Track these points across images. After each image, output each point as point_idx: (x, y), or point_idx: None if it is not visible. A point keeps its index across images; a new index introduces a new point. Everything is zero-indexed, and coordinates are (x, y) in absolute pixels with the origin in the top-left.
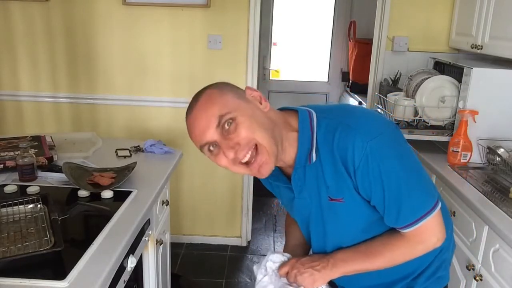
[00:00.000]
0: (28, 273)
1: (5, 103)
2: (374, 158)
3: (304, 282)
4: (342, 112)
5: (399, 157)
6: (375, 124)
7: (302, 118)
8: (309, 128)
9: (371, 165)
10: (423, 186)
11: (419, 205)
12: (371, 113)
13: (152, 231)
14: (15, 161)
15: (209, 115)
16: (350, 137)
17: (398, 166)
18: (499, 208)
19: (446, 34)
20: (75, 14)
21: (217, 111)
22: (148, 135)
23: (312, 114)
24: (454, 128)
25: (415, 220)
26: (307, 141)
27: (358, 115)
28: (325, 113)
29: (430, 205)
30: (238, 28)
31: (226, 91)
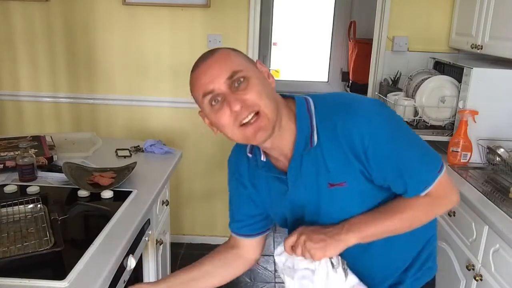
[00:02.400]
0: (28, 273)
1: (5, 103)
2: (381, 136)
3: (314, 250)
4: (336, 98)
5: (401, 130)
6: (370, 105)
7: (300, 104)
8: (307, 113)
9: (380, 142)
10: (427, 148)
11: (433, 164)
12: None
13: (152, 231)
14: (15, 161)
15: (222, 67)
16: (352, 121)
17: (403, 137)
18: (499, 208)
19: (446, 34)
20: (75, 14)
21: (233, 66)
22: (148, 135)
23: (309, 100)
24: (454, 128)
25: (435, 178)
26: (305, 125)
27: (351, 98)
28: (321, 99)
29: (440, 162)
30: (238, 28)
31: (241, 55)
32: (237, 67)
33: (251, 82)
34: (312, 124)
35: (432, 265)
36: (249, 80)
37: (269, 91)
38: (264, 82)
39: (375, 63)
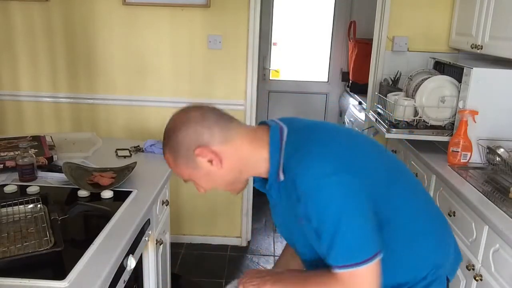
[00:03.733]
0: (28, 273)
1: (5, 103)
2: (317, 197)
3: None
4: (309, 135)
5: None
6: (332, 163)
7: (273, 135)
8: (278, 147)
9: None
10: (365, 232)
11: (354, 251)
12: (338, 146)
13: (152, 231)
14: (15, 161)
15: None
16: (300, 168)
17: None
18: (499, 208)
19: (446, 34)
20: (75, 14)
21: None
22: (148, 135)
23: (283, 131)
24: (454, 128)
25: (350, 264)
26: (276, 159)
27: (321, 144)
28: (295, 132)
29: (368, 255)
30: (238, 28)
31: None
32: (181, 176)
33: (197, 182)
34: (280, 160)
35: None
36: (196, 181)
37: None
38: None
39: (375, 63)
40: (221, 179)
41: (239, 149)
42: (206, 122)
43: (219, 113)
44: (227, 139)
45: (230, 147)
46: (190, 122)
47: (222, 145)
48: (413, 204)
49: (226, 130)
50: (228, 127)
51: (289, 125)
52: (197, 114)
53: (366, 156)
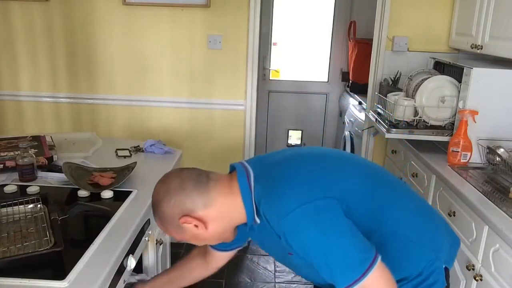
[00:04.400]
0: (28, 273)
1: (5, 103)
2: (292, 234)
3: None
4: (270, 176)
5: (320, 227)
6: (294, 195)
7: (242, 184)
8: (249, 194)
9: (291, 240)
10: (353, 248)
11: (352, 268)
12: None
13: (152, 231)
14: (15, 161)
15: None
16: (270, 212)
17: (320, 236)
18: (499, 208)
19: (446, 34)
20: (75, 14)
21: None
22: (148, 135)
23: (250, 176)
24: (454, 128)
25: (352, 282)
26: (249, 204)
27: (281, 183)
28: (260, 176)
29: (367, 263)
30: (238, 28)
31: (168, 228)
32: (176, 239)
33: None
34: (253, 205)
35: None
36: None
37: (206, 237)
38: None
39: (375, 63)
40: (210, 238)
41: (221, 208)
42: (185, 191)
43: (196, 177)
44: (208, 203)
45: (212, 210)
46: (170, 194)
47: (204, 209)
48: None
49: (205, 194)
50: (207, 190)
51: (256, 168)
52: (176, 185)
53: (333, 173)
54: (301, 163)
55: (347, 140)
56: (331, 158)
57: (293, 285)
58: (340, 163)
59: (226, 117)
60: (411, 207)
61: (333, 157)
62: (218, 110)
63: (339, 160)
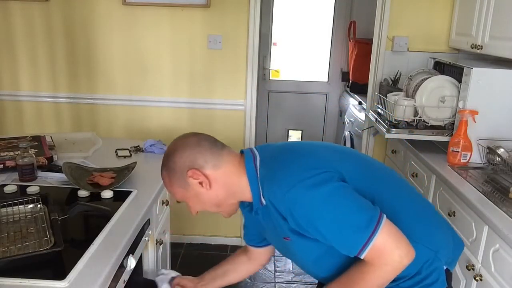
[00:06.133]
0: (28, 273)
1: (5, 103)
2: (297, 207)
3: None
4: (274, 158)
5: (323, 195)
6: (296, 172)
7: (248, 165)
8: (255, 175)
9: (297, 213)
10: (358, 210)
11: (361, 229)
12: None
13: (152, 231)
14: (15, 161)
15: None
16: (272, 189)
17: (324, 204)
18: (499, 208)
19: (446, 34)
20: (75, 14)
21: (172, 196)
22: (148, 135)
23: (256, 159)
24: (454, 128)
25: (364, 244)
26: (255, 188)
27: (283, 163)
28: (265, 159)
29: (373, 224)
30: (238, 28)
31: (174, 181)
32: (175, 197)
33: (188, 202)
34: (259, 187)
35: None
36: (189, 202)
37: (204, 198)
38: (197, 195)
39: (375, 63)
40: (209, 200)
41: (227, 176)
42: (200, 148)
43: (213, 141)
44: (217, 165)
45: (219, 173)
46: (186, 147)
47: (213, 170)
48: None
49: (217, 156)
50: (220, 154)
51: (262, 152)
52: (193, 141)
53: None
54: (304, 147)
55: (347, 140)
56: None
57: (293, 285)
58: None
59: (226, 117)
60: (411, 205)
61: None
62: (218, 110)
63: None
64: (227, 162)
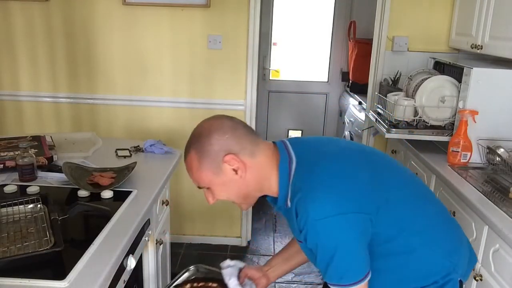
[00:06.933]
0: (28, 273)
1: (5, 103)
2: (314, 236)
3: None
4: (312, 171)
5: (336, 241)
6: (330, 204)
7: (282, 167)
8: (287, 179)
9: (310, 239)
10: (355, 263)
11: (346, 275)
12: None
13: (152, 231)
14: (15, 161)
15: (191, 177)
16: (302, 207)
17: (332, 248)
18: (499, 208)
19: (446, 34)
20: (75, 14)
21: (196, 181)
22: (148, 135)
23: (292, 164)
24: (454, 128)
25: (338, 284)
26: (284, 190)
27: (324, 188)
28: (303, 167)
29: (357, 279)
30: (238, 28)
31: (203, 164)
32: (199, 183)
33: (213, 190)
34: (288, 191)
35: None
36: (211, 189)
37: (232, 188)
38: (227, 184)
39: (375, 63)
40: (238, 189)
41: (261, 167)
42: (238, 133)
43: (248, 127)
44: (254, 154)
45: (254, 162)
46: (223, 129)
47: (249, 157)
48: (423, 212)
49: (254, 144)
50: (257, 143)
51: (298, 154)
52: (230, 124)
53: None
54: (344, 163)
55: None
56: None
57: (293, 285)
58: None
59: None
60: (437, 218)
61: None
62: (218, 110)
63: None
64: (262, 152)
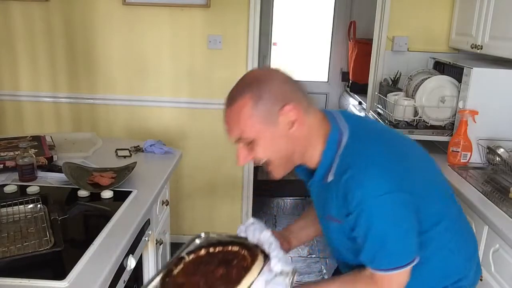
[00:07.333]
0: (28, 273)
1: (5, 103)
2: (366, 215)
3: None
4: (367, 148)
5: (393, 219)
6: (388, 181)
7: (332, 138)
8: (335, 149)
9: (362, 218)
10: (407, 244)
11: (396, 258)
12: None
13: (152, 231)
14: (15, 161)
15: (233, 129)
16: (357, 183)
17: (388, 227)
18: (499, 208)
19: (446, 34)
20: (75, 14)
21: (240, 133)
22: (148, 135)
23: (343, 137)
24: (454, 128)
25: (387, 268)
26: (329, 160)
27: (379, 165)
28: (354, 140)
29: (406, 261)
30: (238, 28)
31: (258, 111)
32: (245, 134)
33: (256, 144)
34: (333, 163)
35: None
36: (254, 142)
37: (282, 147)
38: (276, 140)
39: (375, 63)
40: (285, 148)
41: (311, 127)
42: (297, 85)
43: (303, 84)
44: (307, 110)
45: (307, 120)
46: (284, 78)
47: (304, 113)
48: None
49: (308, 103)
50: (309, 102)
51: (350, 129)
52: (288, 75)
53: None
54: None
55: None
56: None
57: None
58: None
59: None
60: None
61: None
62: (218, 110)
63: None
64: (313, 114)
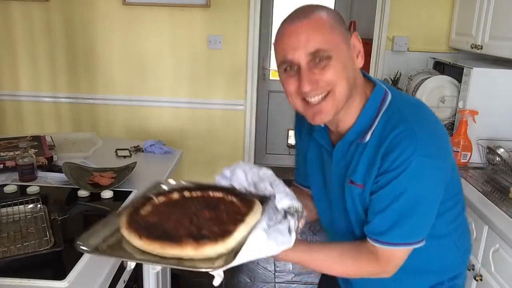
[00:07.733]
0: (28, 273)
1: (5, 103)
2: (409, 174)
3: None
4: (417, 112)
5: (431, 187)
6: (436, 148)
7: (376, 94)
8: (378, 107)
9: (403, 177)
10: (428, 220)
11: (409, 233)
12: (440, 135)
13: None
14: (15, 161)
15: (310, 38)
16: (407, 142)
17: (424, 194)
18: (499, 208)
19: (446, 34)
20: (75, 14)
21: (319, 42)
22: (148, 135)
23: (387, 96)
24: (454, 128)
25: (397, 243)
26: (368, 119)
27: (429, 127)
28: (401, 102)
29: (417, 239)
30: (238, 28)
31: (337, 27)
32: (325, 45)
33: (333, 63)
34: (374, 121)
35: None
36: (331, 60)
37: (350, 75)
38: (347, 63)
39: (375, 63)
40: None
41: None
42: None
43: None
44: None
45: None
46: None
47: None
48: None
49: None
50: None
51: (393, 92)
52: None
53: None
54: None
55: None
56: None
57: (293, 285)
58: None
59: (226, 117)
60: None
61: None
62: (218, 110)
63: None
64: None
